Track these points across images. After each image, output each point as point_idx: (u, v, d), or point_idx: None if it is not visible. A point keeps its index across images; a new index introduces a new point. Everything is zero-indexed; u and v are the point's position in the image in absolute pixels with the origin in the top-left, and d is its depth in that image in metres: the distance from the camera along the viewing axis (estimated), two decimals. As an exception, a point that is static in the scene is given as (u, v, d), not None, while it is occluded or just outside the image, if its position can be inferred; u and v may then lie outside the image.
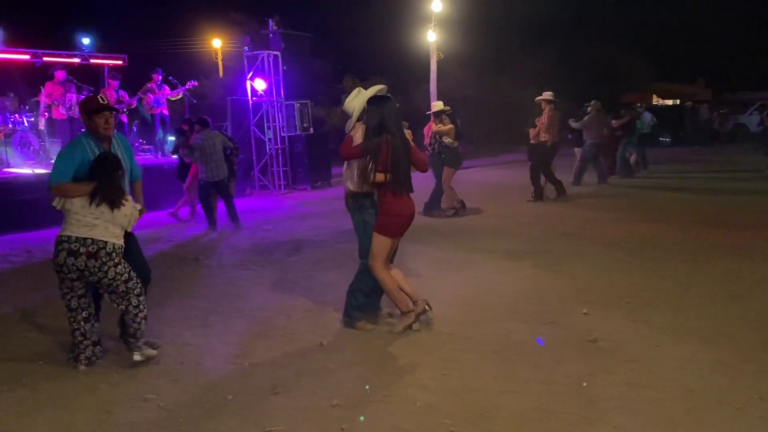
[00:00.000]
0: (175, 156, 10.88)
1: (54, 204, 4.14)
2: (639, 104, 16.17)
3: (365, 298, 4.87)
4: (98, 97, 4.39)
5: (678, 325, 4.65)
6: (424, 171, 5.11)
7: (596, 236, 7.90)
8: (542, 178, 10.86)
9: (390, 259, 4.81)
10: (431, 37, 16.66)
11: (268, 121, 14.41)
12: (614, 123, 13.57)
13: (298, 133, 14.59)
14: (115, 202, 4.07)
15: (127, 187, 4.38)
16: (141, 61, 19.34)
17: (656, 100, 38.59)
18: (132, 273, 4.18)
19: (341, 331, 4.82)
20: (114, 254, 4.06)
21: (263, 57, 14.17)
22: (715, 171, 15.08)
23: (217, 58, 29.97)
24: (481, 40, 25.75)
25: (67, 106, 11.64)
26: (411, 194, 4.73)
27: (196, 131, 9.25)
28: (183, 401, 3.71)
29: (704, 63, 39.38)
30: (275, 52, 14.29)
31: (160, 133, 13.23)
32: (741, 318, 4.75)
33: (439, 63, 17.47)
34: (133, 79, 14.62)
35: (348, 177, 4.83)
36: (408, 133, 4.85)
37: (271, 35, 14.51)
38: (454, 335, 4.61)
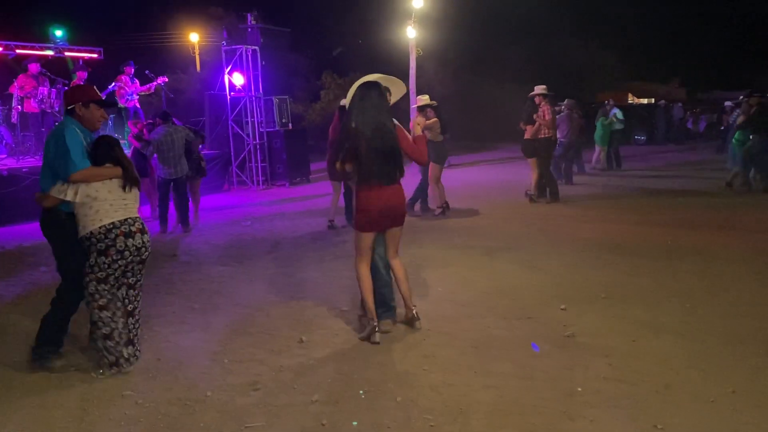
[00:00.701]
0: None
1: (67, 197, 3.90)
2: (607, 101, 16.12)
3: (378, 295, 4.68)
4: (93, 87, 4.32)
5: (653, 321, 4.72)
6: (421, 163, 4.81)
7: (573, 234, 7.98)
8: (537, 177, 10.45)
9: (391, 251, 4.62)
10: (411, 34, 16.69)
11: (246, 117, 14.30)
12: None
13: (276, 128, 14.52)
14: (138, 182, 4.15)
15: None
16: (117, 54, 19.07)
17: (631, 99, 39.10)
18: None
19: (321, 327, 4.81)
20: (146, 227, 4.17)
21: (241, 52, 14.07)
22: (683, 171, 15.29)
23: (194, 53, 29.65)
24: (460, 38, 25.84)
25: (39, 99, 11.44)
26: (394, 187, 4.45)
27: (156, 125, 9.07)
28: (161, 398, 3.68)
29: (679, 63, 39.98)
30: (253, 47, 14.19)
31: (127, 128, 13.06)
32: (714, 313, 4.84)
33: (419, 60, 17.52)
34: (108, 73, 14.43)
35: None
36: (419, 122, 4.70)
37: (249, 30, 14.40)
38: (434, 331, 4.63)
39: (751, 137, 10.80)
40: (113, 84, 12.90)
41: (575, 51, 33.39)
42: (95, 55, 13.96)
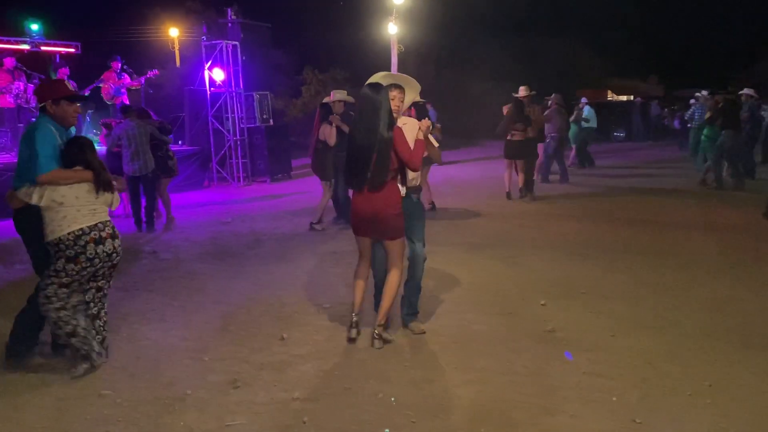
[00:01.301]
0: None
1: (32, 200, 3.79)
2: (582, 99, 16.06)
3: (416, 294, 4.62)
4: (65, 81, 4.23)
5: (632, 316, 4.77)
6: (412, 169, 4.36)
7: (554, 231, 8.04)
8: (520, 175, 10.36)
9: (389, 263, 4.41)
10: (392, 30, 16.65)
11: (226, 112, 14.19)
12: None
13: (257, 124, 14.42)
14: (110, 186, 4.00)
15: None
16: (95, 49, 18.81)
17: (611, 96, 39.46)
18: None
19: (302, 324, 4.80)
20: (113, 231, 4.05)
21: (221, 47, 13.94)
22: (660, 168, 15.46)
23: (173, 48, 29.34)
24: (441, 35, 25.88)
25: (15, 94, 11.25)
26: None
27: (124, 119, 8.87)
28: (140, 397, 3.64)
29: (658, 60, 40.42)
30: (234, 42, 14.07)
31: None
32: (691, 308, 4.90)
33: (400, 56, 17.47)
34: (86, 68, 14.23)
35: None
36: (424, 124, 4.38)
37: (229, 25, 14.27)
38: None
39: (723, 133, 10.91)
40: (99, 79, 12.74)
41: (555, 48, 33.61)
42: (72, 50, 13.74)
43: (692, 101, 14.70)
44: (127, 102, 13.19)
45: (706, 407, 3.36)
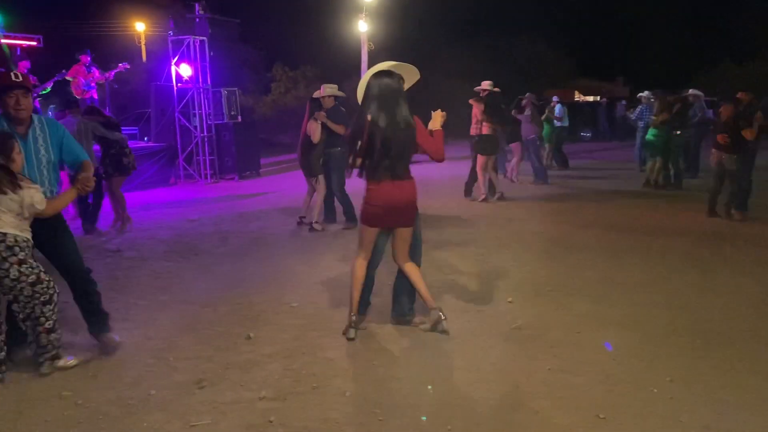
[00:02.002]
0: None
1: None
2: (554, 97, 16.17)
3: (401, 296, 4.62)
4: (11, 73, 3.95)
5: (597, 313, 4.84)
6: (438, 160, 4.37)
7: (521, 229, 8.12)
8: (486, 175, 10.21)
9: (400, 252, 4.44)
10: (362, 28, 16.64)
11: (193, 109, 14.00)
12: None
13: (225, 121, 14.26)
14: (13, 186, 3.59)
15: (41, 175, 3.96)
16: (58, 43, 18.40)
17: (578, 96, 40.04)
18: (43, 275, 3.73)
19: (270, 323, 4.76)
20: (17, 248, 3.61)
21: (189, 42, 13.75)
22: (624, 168, 15.73)
23: (140, 42, 28.85)
24: (411, 33, 25.94)
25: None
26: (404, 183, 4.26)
27: (66, 115, 8.59)
28: (103, 398, 3.56)
29: (624, 61, 41.17)
30: (201, 38, 13.89)
31: None
32: (655, 306, 4.99)
33: (371, 54, 17.48)
34: (48, 62, 13.90)
35: None
36: (438, 115, 4.37)
37: (197, 20, 14.08)
38: (384, 326, 4.63)
39: (677, 133, 11.10)
40: (60, 73, 12.44)
41: (522, 48, 33.97)
42: (34, 43, 13.40)
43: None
44: (96, 97, 12.92)
45: (668, 402, 3.42)
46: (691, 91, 12.72)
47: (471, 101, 10.41)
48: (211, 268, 6.44)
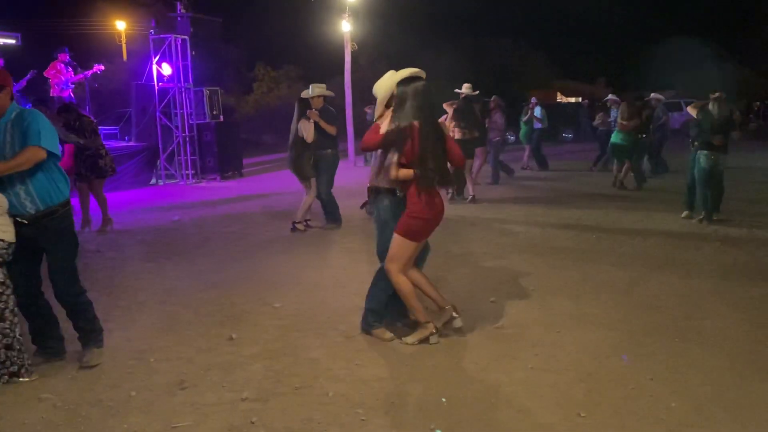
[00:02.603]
0: None
1: None
2: (532, 99, 16.13)
3: (382, 304, 4.42)
4: None
5: (578, 312, 4.88)
6: (459, 166, 4.40)
7: (503, 231, 8.16)
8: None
9: (415, 260, 4.31)
10: (345, 28, 16.62)
11: (175, 108, 13.89)
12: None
13: (207, 120, 14.17)
14: None
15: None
16: (37, 41, 18.17)
17: (560, 98, 40.37)
18: (2, 285, 3.58)
19: (252, 324, 4.73)
20: None
21: (170, 41, 13.65)
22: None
23: (120, 41, 28.59)
24: (394, 33, 25.98)
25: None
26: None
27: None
28: (82, 400, 3.53)
29: (606, 63, 41.58)
30: (183, 36, 13.79)
31: None
32: (635, 305, 5.04)
33: (354, 54, 17.46)
34: (27, 60, 13.72)
35: (373, 169, 4.35)
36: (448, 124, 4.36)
37: (178, 18, 13.98)
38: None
39: (643, 136, 11.20)
40: (32, 71, 12.28)
41: (505, 50, 34.17)
42: (13, 41, 13.22)
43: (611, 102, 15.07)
44: (74, 96, 12.78)
45: (648, 401, 3.46)
46: (652, 95, 12.87)
47: (445, 105, 10.24)
48: (192, 268, 6.40)
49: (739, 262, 6.32)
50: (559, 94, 41.16)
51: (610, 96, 14.22)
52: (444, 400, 3.50)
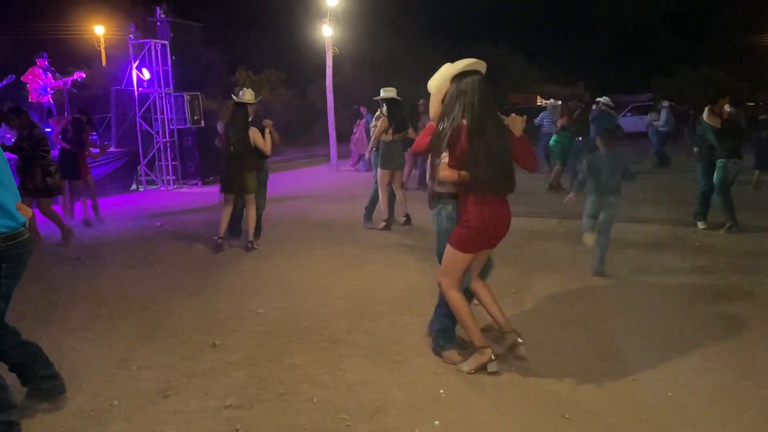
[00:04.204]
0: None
1: None
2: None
3: (450, 321, 4.02)
4: None
5: (562, 314, 4.91)
6: (532, 170, 3.89)
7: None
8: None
9: (476, 272, 3.96)
10: (327, 32, 16.62)
11: (155, 113, 13.79)
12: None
13: (188, 125, 14.08)
14: None
15: None
16: (13, 46, 17.94)
17: (540, 101, 40.70)
18: None
19: (235, 330, 4.70)
20: None
21: (150, 46, 13.55)
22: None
23: (99, 46, 28.33)
24: (376, 37, 26.03)
25: None
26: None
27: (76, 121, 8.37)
28: (63, 409, 3.47)
29: (586, 66, 42.02)
30: (163, 41, 13.70)
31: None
32: (618, 306, 5.09)
33: (335, 59, 17.46)
34: (5, 65, 13.55)
35: (431, 173, 3.93)
36: (519, 119, 3.74)
37: (158, 23, 13.89)
38: (351, 330, 4.62)
39: (580, 139, 11.10)
40: (8, 77, 12.13)
41: (486, 53, 34.31)
42: (-11, 47, 13.08)
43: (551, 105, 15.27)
44: (52, 102, 12.63)
45: (630, 401, 3.49)
46: (602, 99, 12.92)
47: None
48: (174, 274, 6.35)
49: (722, 264, 6.40)
50: (539, 97, 41.48)
51: (551, 100, 14.40)
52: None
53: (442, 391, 3.64)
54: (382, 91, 8.30)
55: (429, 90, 3.91)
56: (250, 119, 7.03)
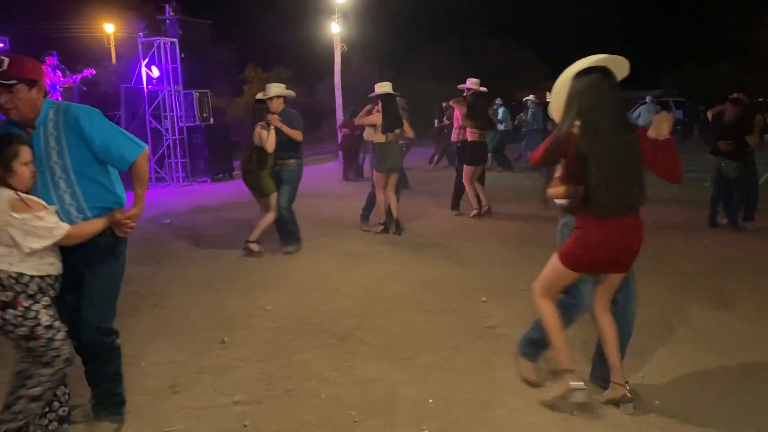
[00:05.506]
0: None
1: None
2: (496, 100, 15.51)
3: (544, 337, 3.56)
4: None
5: (569, 311, 4.89)
6: (673, 180, 3.13)
7: (495, 230, 8.19)
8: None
9: (604, 299, 3.43)
10: (335, 29, 16.62)
11: (165, 111, 13.85)
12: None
13: (197, 123, 14.13)
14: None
15: (56, 190, 2.98)
16: (25, 45, 18.07)
17: (548, 98, 40.60)
18: (43, 330, 2.84)
19: (243, 327, 4.72)
20: (7, 288, 2.77)
21: (159, 44, 13.60)
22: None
23: (109, 44, 28.48)
24: (384, 34, 26.02)
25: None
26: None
27: None
28: (71, 404, 3.50)
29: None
30: (172, 39, 13.74)
31: None
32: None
33: (344, 55, 17.47)
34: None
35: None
36: (666, 119, 3.12)
37: (167, 21, 13.93)
38: (358, 327, 4.64)
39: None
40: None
41: (495, 50, 34.28)
42: (0, 45, 13.15)
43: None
44: (61, 100, 12.70)
45: (638, 399, 3.48)
46: (530, 96, 12.89)
47: (452, 103, 9.55)
48: (184, 271, 6.38)
49: (730, 258, 6.37)
50: (548, 93, 41.34)
51: (530, 96, 14.31)
52: (431, 401, 3.51)
53: (449, 388, 3.64)
54: (376, 87, 7.73)
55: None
56: (272, 114, 6.61)
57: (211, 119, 14.51)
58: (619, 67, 3.27)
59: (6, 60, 2.87)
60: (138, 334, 4.61)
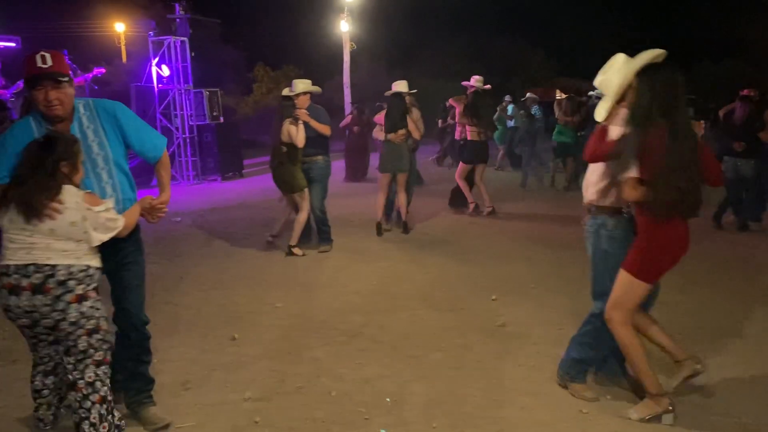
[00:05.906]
0: None
1: None
2: (506, 97, 15.26)
3: (592, 355, 3.53)
4: (36, 56, 2.90)
5: (578, 309, 4.86)
6: (716, 185, 3.21)
7: (504, 229, 8.18)
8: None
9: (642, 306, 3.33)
10: (344, 27, 16.64)
11: (175, 110, 13.91)
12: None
13: (207, 122, 14.19)
14: (32, 208, 2.69)
15: (99, 181, 3.03)
16: (37, 44, 18.18)
17: (559, 95, 40.41)
18: (105, 323, 2.93)
19: (254, 324, 4.75)
20: (72, 282, 2.76)
21: (170, 43, 13.67)
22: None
23: (120, 43, 28.62)
24: (393, 32, 26.01)
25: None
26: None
27: None
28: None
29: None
30: (182, 38, 13.80)
31: None
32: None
33: (352, 54, 17.50)
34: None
35: (590, 182, 3.43)
36: (699, 125, 3.21)
37: (177, 20, 13.99)
38: (368, 325, 4.65)
39: (580, 135, 10.89)
40: (16, 84, 12.28)
41: (504, 47, 34.17)
42: (13, 44, 13.25)
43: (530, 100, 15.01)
44: None
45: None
46: (593, 92, 12.68)
47: (451, 101, 9.53)
48: (194, 269, 6.42)
49: (735, 258, 6.34)
50: (558, 91, 41.16)
51: (528, 95, 14.02)
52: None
53: (460, 386, 3.65)
54: (393, 85, 7.83)
55: (599, 86, 3.38)
56: (299, 110, 6.54)
57: (221, 118, 14.57)
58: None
59: (48, 56, 2.89)
60: (150, 331, 4.63)
